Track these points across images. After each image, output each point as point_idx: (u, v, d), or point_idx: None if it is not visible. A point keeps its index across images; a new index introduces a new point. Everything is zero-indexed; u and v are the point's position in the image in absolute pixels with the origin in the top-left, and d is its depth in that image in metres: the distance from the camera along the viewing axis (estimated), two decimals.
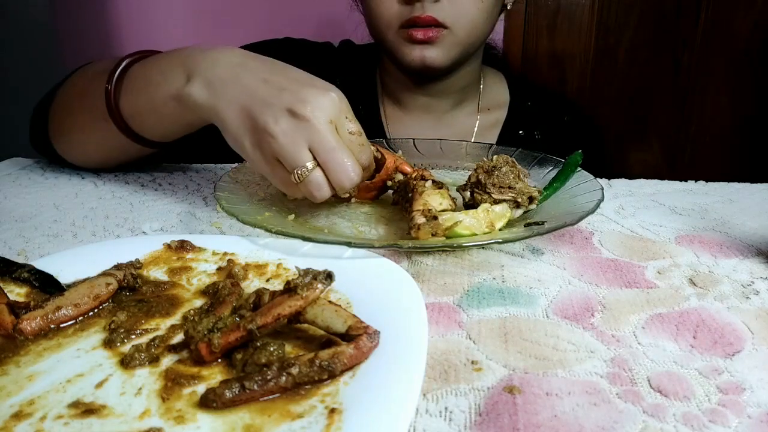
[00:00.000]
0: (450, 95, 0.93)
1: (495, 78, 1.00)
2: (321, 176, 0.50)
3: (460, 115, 0.95)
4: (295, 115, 0.49)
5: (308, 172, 0.50)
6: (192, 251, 0.46)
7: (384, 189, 0.60)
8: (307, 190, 0.51)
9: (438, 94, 0.92)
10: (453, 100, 0.94)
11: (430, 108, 0.93)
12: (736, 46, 1.39)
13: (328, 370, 0.31)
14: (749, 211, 0.61)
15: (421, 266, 0.48)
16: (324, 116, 0.49)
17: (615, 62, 1.45)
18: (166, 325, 0.37)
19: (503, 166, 0.54)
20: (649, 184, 0.71)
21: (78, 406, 0.30)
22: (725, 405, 0.31)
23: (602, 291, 0.44)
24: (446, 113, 0.94)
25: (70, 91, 0.72)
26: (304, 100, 0.49)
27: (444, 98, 0.93)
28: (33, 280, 0.41)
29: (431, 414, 0.30)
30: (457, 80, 0.91)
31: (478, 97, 0.96)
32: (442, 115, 0.94)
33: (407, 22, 0.78)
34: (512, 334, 0.38)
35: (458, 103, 0.94)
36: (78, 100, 0.70)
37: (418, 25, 0.77)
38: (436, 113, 0.94)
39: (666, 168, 1.52)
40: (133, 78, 0.63)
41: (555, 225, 0.48)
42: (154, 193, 0.67)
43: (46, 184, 0.70)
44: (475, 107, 0.96)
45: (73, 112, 0.70)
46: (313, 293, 0.34)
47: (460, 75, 0.90)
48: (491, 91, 0.98)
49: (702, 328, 0.39)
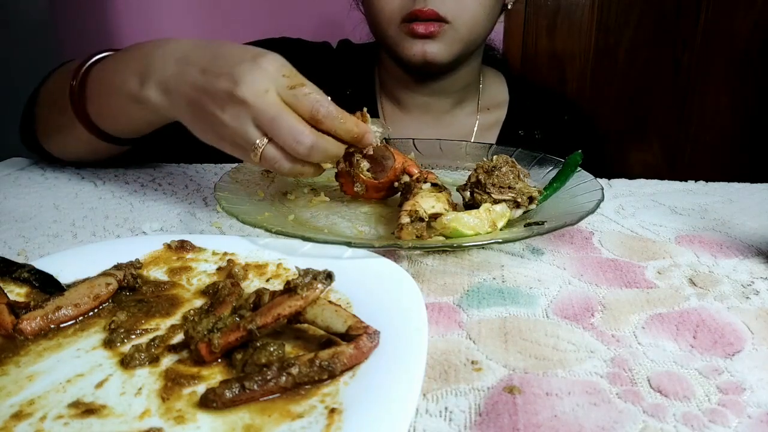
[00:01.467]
0: (450, 95, 0.92)
1: (495, 78, 0.99)
2: (272, 149, 0.51)
3: (459, 114, 0.95)
4: (233, 98, 0.50)
5: (260, 148, 0.51)
6: (192, 251, 0.46)
7: (393, 189, 0.60)
8: (268, 165, 0.52)
9: (437, 93, 0.91)
10: (452, 100, 0.93)
11: (429, 107, 0.93)
12: (736, 46, 1.39)
13: (328, 370, 0.31)
14: (749, 211, 0.61)
15: (421, 266, 0.48)
16: (258, 89, 0.49)
17: (615, 62, 1.45)
18: (166, 325, 0.37)
19: (503, 166, 0.54)
20: (649, 184, 0.71)
21: (78, 406, 0.30)
22: (725, 405, 0.31)
23: (602, 291, 0.44)
24: (446, 113, 0.94)
25: (48, 90, 0.73)
26: (237, 80, 0.50)
27: (443, 97, 0.92)
28: (33, 280, 0.41)
29: (431, 414, 0.30)
30: (457, 79, 0.90)
31: (477, 97, 0.96)
32: (442, 114, 0.94)
33: (409, 15, 0.78)
34: (512, 334, 0.38)
35: (458, 102, 0.94)
36: (52, 100, 0.71)
37: (420, 19, 0.77)
38: (435, 113, 0.94)
39: (666, 168, 1.52)
40: (95, 81, 0.64)
41: (555, 225, 0.48)
42: (154, 193, 0.67)
43: (46, 184, 0.70)
44: (474, 107, 0.96)
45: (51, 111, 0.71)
46: (313, 293, 0.34)
47: (460, 74, 0.90)
48: (491, 91, 0.97)
49: (702, 328, 0.39)
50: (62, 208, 0.62)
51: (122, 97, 0.60)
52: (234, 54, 0.52)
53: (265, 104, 0.49)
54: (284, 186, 0.64)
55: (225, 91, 0.50)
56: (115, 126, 0.66)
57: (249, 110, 0.50)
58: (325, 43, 1.02)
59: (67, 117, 0.66)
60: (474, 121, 0.95)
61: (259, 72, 0.50)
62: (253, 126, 0.50)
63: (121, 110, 0.62)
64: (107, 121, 0.65)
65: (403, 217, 0.48)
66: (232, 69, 0.51)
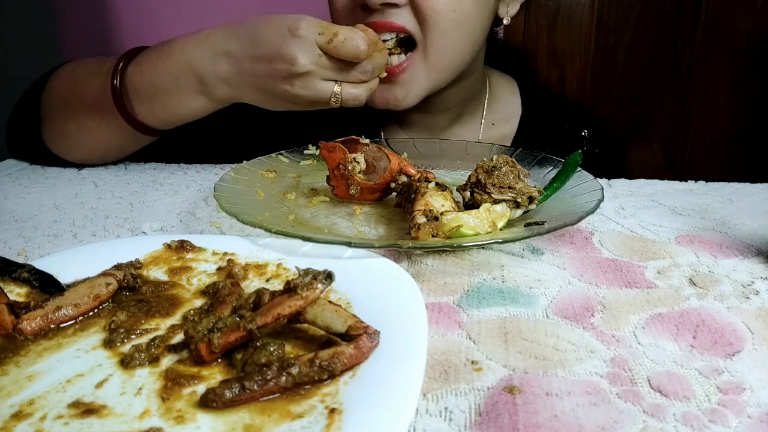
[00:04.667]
0: (445, 111, 0.84)
1: (505, 86, 0.90)
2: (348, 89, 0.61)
3: (459, 131, 0.87)
4: (296, 73, 0.59)
5: (339, 95, 0.61)
6: (192, 251, 0.46)
7: (388, 191, 0.60)
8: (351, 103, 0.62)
9: (431, 109, 0.82)
10: (450, 116, 0.85)
11: (425, 124, 0.86)
12: (736, 46, 1.39)
13: (328, 370, 0.31)
14: (749, 211, 0.61)
15: (421, 266, 0.48)
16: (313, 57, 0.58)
17: (615, 62, 1.45)
18: (166, 325, 0.37)
19: (503, 166, 0.54)
20: (649, 184, 0.71)
21: (78, 406, 0.30)
22: (725, 405, 0.31)
23: (602, 291, 0.44)
24: (444, 130, 0.87)
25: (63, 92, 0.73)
26: (291, 58, 0.58)
27: (439, 114, 0.84)
28: (33, 280, 0.41)
29: (431, 414, 0.30)
30: (451, 95, 0.81)
31: (481, 111, 0.88)
32: (440, 132, 0.87)
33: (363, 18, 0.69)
34: (512, 334, 0.38)
35: (456, 118, 0.86)
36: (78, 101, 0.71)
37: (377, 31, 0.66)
38: (432, 130, 0.86)
39: (666, 168, 1.51)
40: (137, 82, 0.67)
41: (555, 225, 0.48)
42: (154, 193, 0.67)
43: (46, 184, 0.70)
44: (478, 122, 0.87)
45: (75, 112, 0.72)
46: (313, 293, 0.34)
47: (456, 88, 0.81)
48: (498, 103, 0.88)
49: (702, 328, 0.39)
50: (62, 208, 0.62)
51: (183, 96, 0.65)
52: (270, 34, 0.59)
53: (325, 64, 0.58)
54: (284, 186, 0.64)
55: (286, 71, 0.58)
56: (169, 120, 0.69)
57: (315, 75, 0.59)
58: None
59: (99, 116, 0.69)
60: (477, 137, 0.87)
61: (303, 43, 0.57)
62: (322, 82, 0.59)
63: (180, 107, 0.67)
64: (160, 118, 0.69)
65: (419, 217, 0.48)
66: (279, 50, 0.58)
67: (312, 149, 0.71)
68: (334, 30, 0.58)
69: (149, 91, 0.67)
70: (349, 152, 0.57)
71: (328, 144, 0.57)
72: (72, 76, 0.74)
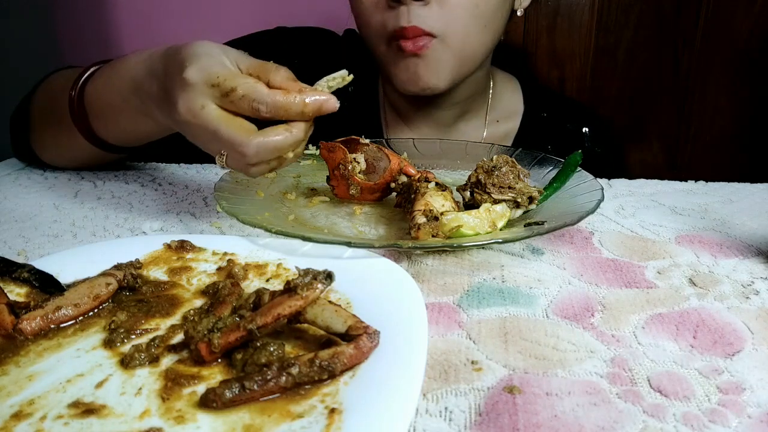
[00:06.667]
0: (452, 106, 0.85)
1: (507, 84, 0.91)
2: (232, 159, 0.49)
3: (465, 127, 0.88)
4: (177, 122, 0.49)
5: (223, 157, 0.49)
6: (192, 251, 0.46)
7: (388, 191, 0.60)
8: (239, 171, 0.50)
9: (438, 104, 0.84)
10: (455, 111, 0.86)
11: (430, 119, 0.87)
12: (736, 46, 1.39)
13: (328, 370, 0.31)
14: (749, 211, 0.61)
15: (421, 266, 0.48)
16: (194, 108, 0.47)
17: (615, 62, 1.45)
18: (166, 325, 0.37)
19: (503, 166, 0.54)
20: (649, 184, 0.71)
21: (78, 406, 0.30)
22: (725, 405, 0.31)
23: (602, 291, 0.44)
24: (449, 126, 0.87)
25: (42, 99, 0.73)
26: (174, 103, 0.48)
27: (445, 109, 0.85)
28: (33, 280, 0.41)
29: (431, 414, 0.30)
30: (460, 90, 0.83)
31: (486, 107, 0.89)
32: (445, 127, 0.87)
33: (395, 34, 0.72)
34: (512, 334, 0.38)
35: (462, 114, 0.87)
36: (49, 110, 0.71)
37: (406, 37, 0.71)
38: (437, 125, 0.87)
39: (666, 168, 1.51)
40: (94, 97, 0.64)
41: (555, 225, 0.48)
42: (154, 193, 0.67)
43: (46, 184, 0.70)
44: (482, 119, 0.89)
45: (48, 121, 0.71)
46: (313, 293, 0.34)
47: (466, 83, 0.82)
48: (501, 100, 0.90)
49: (702, 328, 0.39)
50: (62, 208, 0.62)
51: (132, 116, 0.61)
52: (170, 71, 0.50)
53: (204, 121, 0.47)
54: (284, 186, 0.64)
55: (169, 116, 0.50)
56: (121, 138, 0.67)
57: (193, 129, 0.48)
58: (329, 31, 0.96)
59: (65, 127, 0.67)
60: (481, 133, 0.88)
61: (188, 90, 0.47)
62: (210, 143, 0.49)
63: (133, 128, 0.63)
64: (114, 135, 0.66)
65: (419, 217, 0.48)
66: (171, 92, 0.49)
67: (312, 149, 0.71)
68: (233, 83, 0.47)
69: (104, 108, 0.64)
70: (349, 152, 0.57)
71: (328, 144, 0.58)
72: (51, 86, 0.73)
